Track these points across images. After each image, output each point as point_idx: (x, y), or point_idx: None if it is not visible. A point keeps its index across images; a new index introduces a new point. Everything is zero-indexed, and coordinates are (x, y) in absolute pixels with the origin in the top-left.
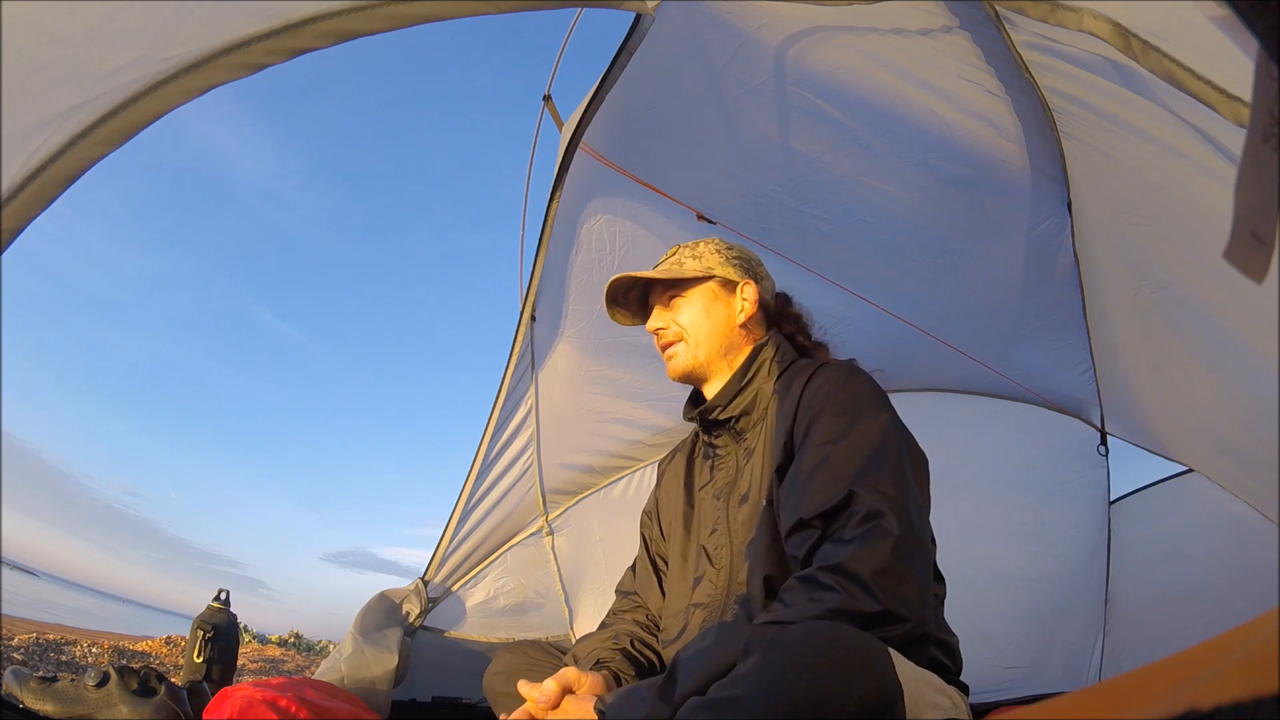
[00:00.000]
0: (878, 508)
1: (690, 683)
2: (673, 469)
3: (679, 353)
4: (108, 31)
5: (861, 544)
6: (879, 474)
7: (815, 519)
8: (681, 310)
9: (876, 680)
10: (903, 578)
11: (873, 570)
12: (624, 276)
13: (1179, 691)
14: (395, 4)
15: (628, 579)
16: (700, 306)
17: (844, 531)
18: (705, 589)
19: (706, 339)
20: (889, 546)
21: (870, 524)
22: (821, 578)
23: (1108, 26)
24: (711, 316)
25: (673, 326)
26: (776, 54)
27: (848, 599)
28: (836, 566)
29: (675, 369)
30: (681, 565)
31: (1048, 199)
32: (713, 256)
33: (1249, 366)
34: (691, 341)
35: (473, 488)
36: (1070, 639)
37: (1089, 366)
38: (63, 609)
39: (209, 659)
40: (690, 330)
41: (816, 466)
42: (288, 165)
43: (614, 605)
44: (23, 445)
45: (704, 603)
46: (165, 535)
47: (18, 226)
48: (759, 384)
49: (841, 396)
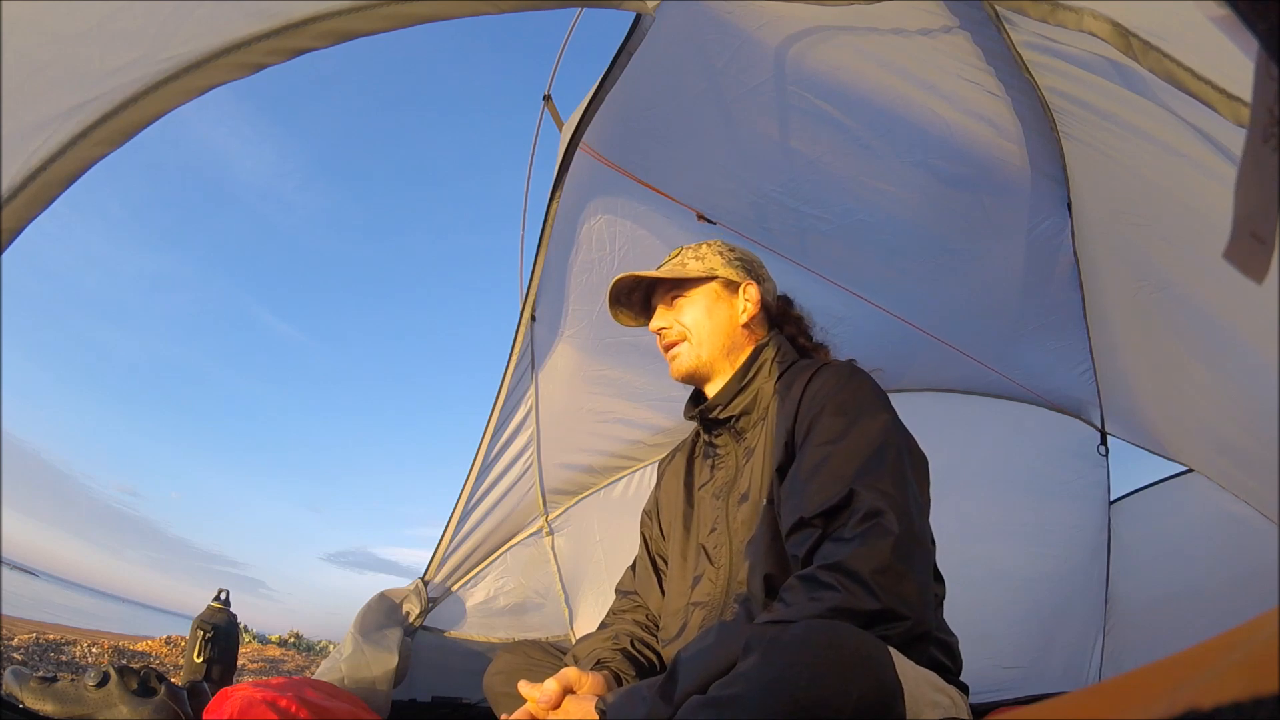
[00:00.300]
0: (878, 506)
1: (691, 682)
2: (673, 468)
3: (683, 352)
4: (108, 31)
5: (862, 543)
6: (879, 473)
7: (816, 518)
8: (684, 310)
9: (876, 679)
10: (903, 576)
11: (873, 569)
12: (627, 276)
13: (1179, 691)
14: (395, 4)
15: (627, 578)
16: (703, 306)
17: (844, 530)
18: (705, 588)
19: (710, 339)
20: (889, 545)
21: (870, 523)
22: (822, 576)
23: (1108, 26)
24: (714, 316)
25: (676, 326)
26: (776, 54)
27: (848, 597)
28: (837, 565)
29: (679, 369)
30: (681, 564)
31: (1048, 199)
32: (715, 258)
33: (1249, 366)
34: (695, 341)
35: (473, 488)
36: (1070, 639)
37: (1089, 366)
38: (63, 609)
39: (209, 659)
40: (694, 330)
41: (817, 466)
42: (287, 165)
43: (614, 605)
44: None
45: (703, 601)
46: (165, 535)
47: (18, 226)
48: (759, 384)
49: (842, 397)
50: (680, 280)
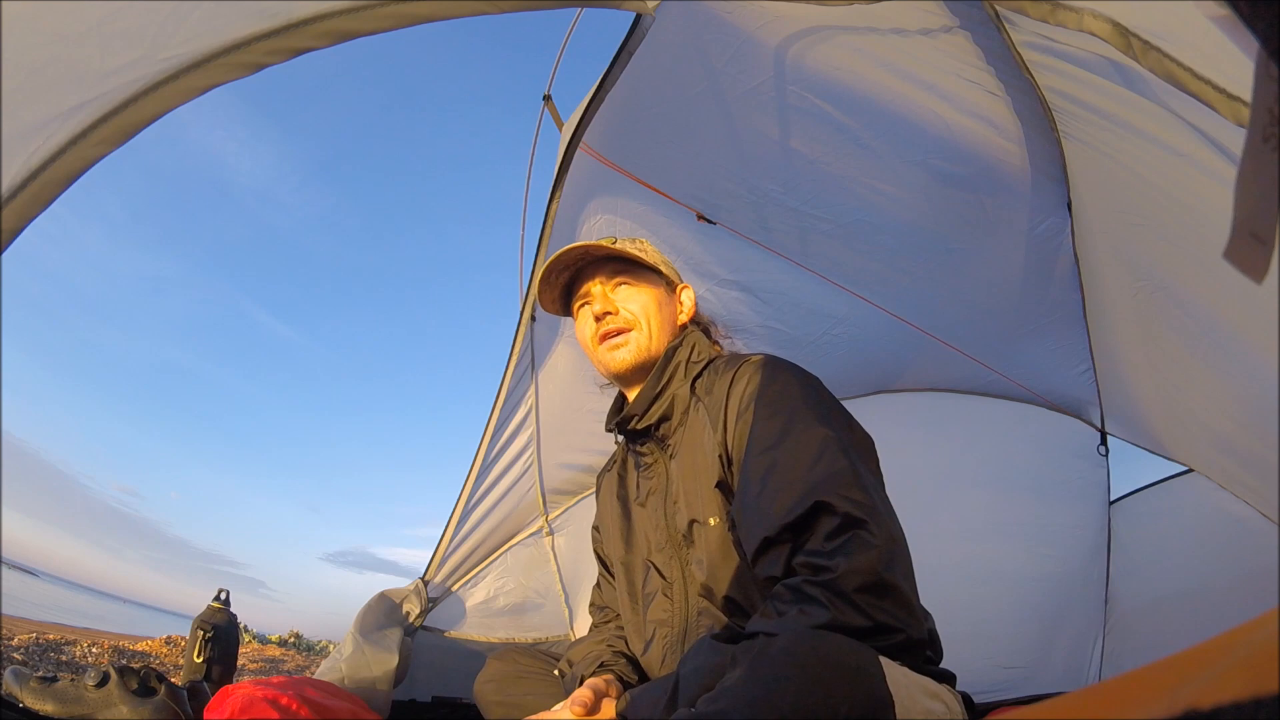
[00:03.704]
0: (854, 515)
1: (690, 696)
2: (608, 481)
3: (631, 341)
4: (107, 31)
5: (845, 557)
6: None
7: (782, 533)
8: (632, 298)
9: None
10: (891, 589)
11: (858, 586)
12: (577, 247)
13: (1179, 691)
14: (395, 4)
15: (596, 596)
16: (653, 298)
17: (822, 543)
18: (662, 604)
19: (659, 333)
20: (874, 559)
21: (848, 535)
22: (809, 590)
23: (1108, 26)
24: (663, 311)
25: (623, 312)
26: (776, 54)
27: (837, 616)
28: (825, 582)
29: (623, 360)
30: (626, 578)
31: (1048, 199)
32: (657, 254)
33: (1249, 366)
34: (646, 332)
35: (473, 488)
36: (1070, 639)
37: (1089, 366)
38: (63, 609)
39: (209, 659)
40: (643, 320)
41: (764, 477)
42: (286, 166)
43: (594, 620)
44: (23, 445)
45: (663, 619)
46: (165, 535)
47: (18, 226)
48: (675, 388)
49: (768, 396)
50: (629, 265)
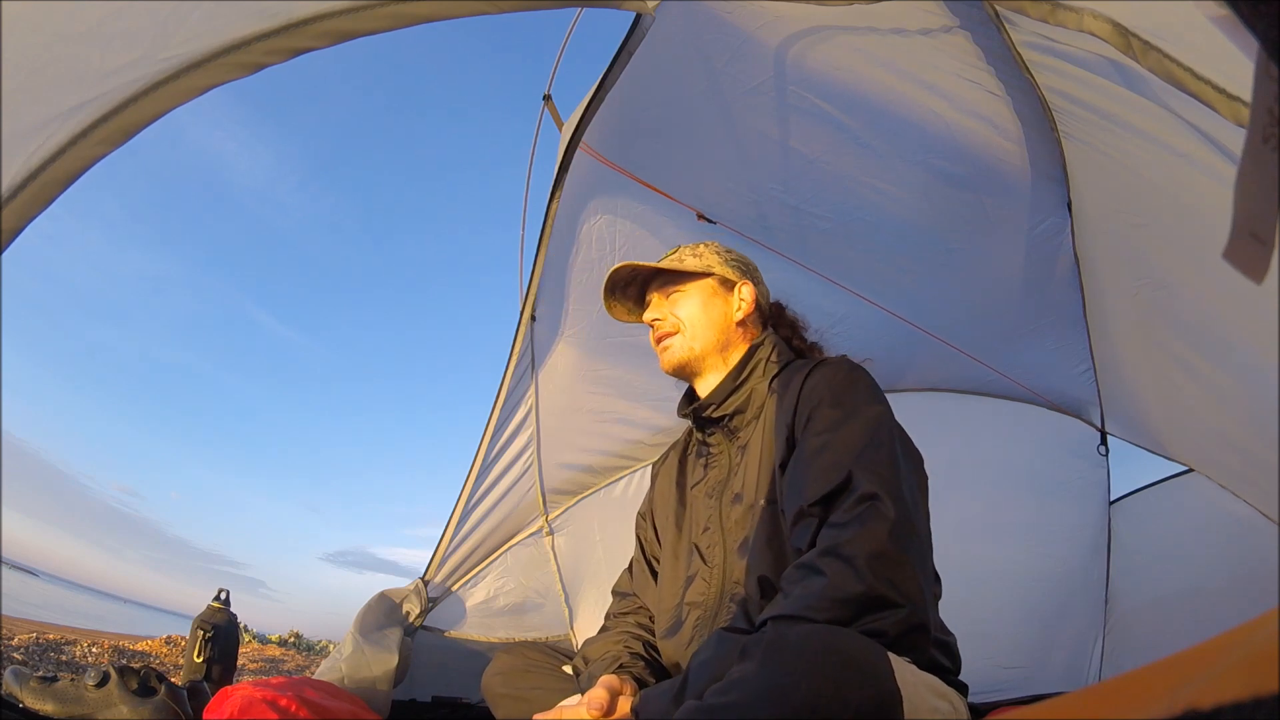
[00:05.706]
0: (872, 490)
1: (698, 689)
2: (666, 468)
3: (674, 344)
4: (107, 31)
5: (858, 526)
6: (874, 456)
7: (814, 505)
8: (680, 304)
9: (874, 687)
10: (898, 563)
11: (868, 554)
12: (625, 266)
13: (1179, 691)
14: (395, 4)
15: (624, 580)
16: (699, 301)
17: (840, 515)
18: (699, 588)
19: (703, 333)
20: (885, 530)
21: (865, 505)
22: (816, 563)
23: (1108, 26)
24: (709, 312)
25: (669, 318)
26: (776, 54)
27: (834, 581)
28: (831, 550)
29: (669, 360)
30: (673, 563)
31: (1048, 199)
32: (713, 256)
33: (1249, 366)
34: (688, 334)
35: (473, 488)
36: (1070, 639)
37: (1089, 366)
38: (63, 609)
39: (209, 659)
40: (687, 323)
41: (815, 454)
42: (285, 167)
43: (612, 606)
44: (23, 445)
45: (698, 601)
46: (165, 535)
47: (18, 226)
48: (754, 383)
49: (839, 389)
50: (677, 274)
